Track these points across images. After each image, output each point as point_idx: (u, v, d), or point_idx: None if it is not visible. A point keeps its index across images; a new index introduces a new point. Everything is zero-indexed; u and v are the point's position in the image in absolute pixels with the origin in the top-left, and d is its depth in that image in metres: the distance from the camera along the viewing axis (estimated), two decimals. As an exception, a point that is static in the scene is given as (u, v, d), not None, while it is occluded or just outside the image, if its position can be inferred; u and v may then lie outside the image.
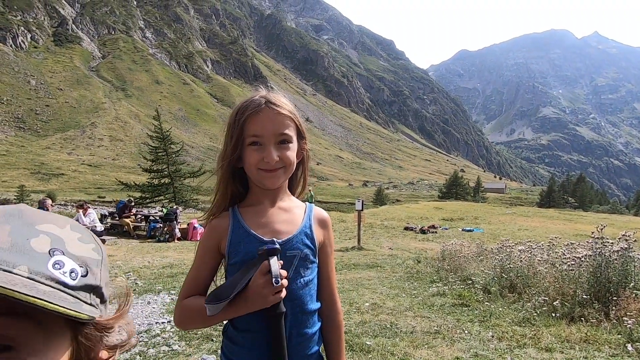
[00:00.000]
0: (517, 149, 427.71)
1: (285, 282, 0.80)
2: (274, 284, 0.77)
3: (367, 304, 4.12)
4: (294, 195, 1.01)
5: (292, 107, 0.94)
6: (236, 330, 0.90)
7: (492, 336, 3.11)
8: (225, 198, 0.94)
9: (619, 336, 2.91)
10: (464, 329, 3.32)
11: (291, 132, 0.91)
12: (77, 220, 8.21)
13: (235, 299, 0.81)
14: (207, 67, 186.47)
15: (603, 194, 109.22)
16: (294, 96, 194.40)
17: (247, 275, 0.81)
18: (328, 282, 0.99)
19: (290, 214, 0.96)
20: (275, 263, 0.78)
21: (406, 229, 16.03)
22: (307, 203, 1.02)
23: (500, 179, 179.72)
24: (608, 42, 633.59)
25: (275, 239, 0.88)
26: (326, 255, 0.99)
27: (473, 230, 16.42)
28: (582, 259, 3.67)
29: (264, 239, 0.89)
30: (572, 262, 3.73)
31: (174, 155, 22.20)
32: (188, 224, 11.37)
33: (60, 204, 27.81)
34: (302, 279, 0.91)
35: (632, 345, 2.75)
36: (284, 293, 0.81)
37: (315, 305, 0.94)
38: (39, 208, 6.74)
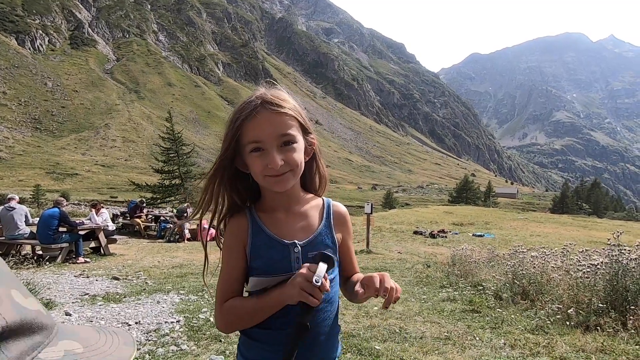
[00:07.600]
0: (529, 154, 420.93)
1: (327, 285, 0.79)
2: (314, 282, 0.77)
3: (375, 307, 4.08)
4: (314, 193, 0.97)
5: (293, 103, 0.88)
6: (257, 327, 0.88)
7: (504, 344, 3.05)
8: (218, 204, 0.91)
9: (637, 347, 2.82)
10: (475, 335, 3.25)
11: (294, 131, 0.85)
12: (90, 219, 8.35)
13: (272, 287, 0.84)
14: (219, 69, 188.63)
15: (618, 200, 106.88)
16: (304, 99, 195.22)
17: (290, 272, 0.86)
18: (351, 264, 1.00)
19: (308, 214, 0.93)
20: (323, 268, 0.79)
21: (415, 233, 15.91)
22: (324, 198, 0.98)
23: (512, 183, 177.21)
24: (624, 45, 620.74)
25: (296, 241, 0.88)
26: (347, 246, 0.98)
27: (484, 235, 16.21)
28: (598, 266, 3.58)
29: (285, 241, 0.88)
30: (588, 270, 3.64)
31: (184, 157, 22.47)
32: (197, 225, 11.45)
33: (73, 203, 28.43)
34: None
35: (650, 357, 2.66)
36: (319, 300, 0.79)
37: (336, 301, 0.94)
38: (54, 207, 6.90)
